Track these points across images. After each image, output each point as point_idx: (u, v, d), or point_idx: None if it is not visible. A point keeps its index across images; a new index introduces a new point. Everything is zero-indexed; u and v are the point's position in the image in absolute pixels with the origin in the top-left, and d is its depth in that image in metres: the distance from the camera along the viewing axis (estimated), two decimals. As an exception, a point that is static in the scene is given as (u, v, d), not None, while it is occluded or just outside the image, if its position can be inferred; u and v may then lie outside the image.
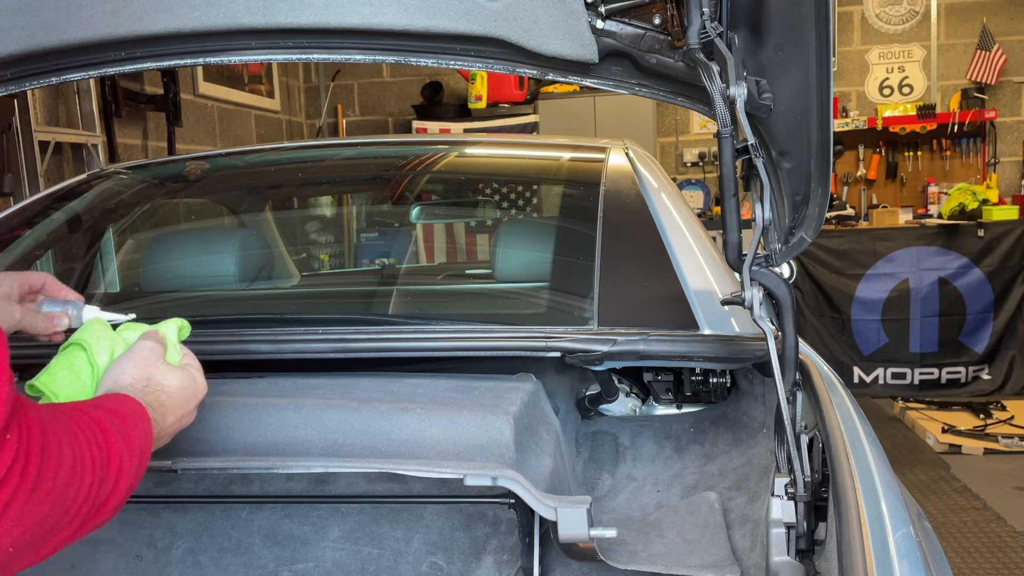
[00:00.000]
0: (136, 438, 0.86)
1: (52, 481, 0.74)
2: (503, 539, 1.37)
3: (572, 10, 1.32)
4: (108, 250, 2.15)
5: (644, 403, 1.69)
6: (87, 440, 0.80)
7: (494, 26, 1.34)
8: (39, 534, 0.75)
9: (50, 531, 0.76)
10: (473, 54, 1.41)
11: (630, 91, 1.43)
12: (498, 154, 2.52)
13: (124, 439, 0.84)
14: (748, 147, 1.15)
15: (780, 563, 1.06)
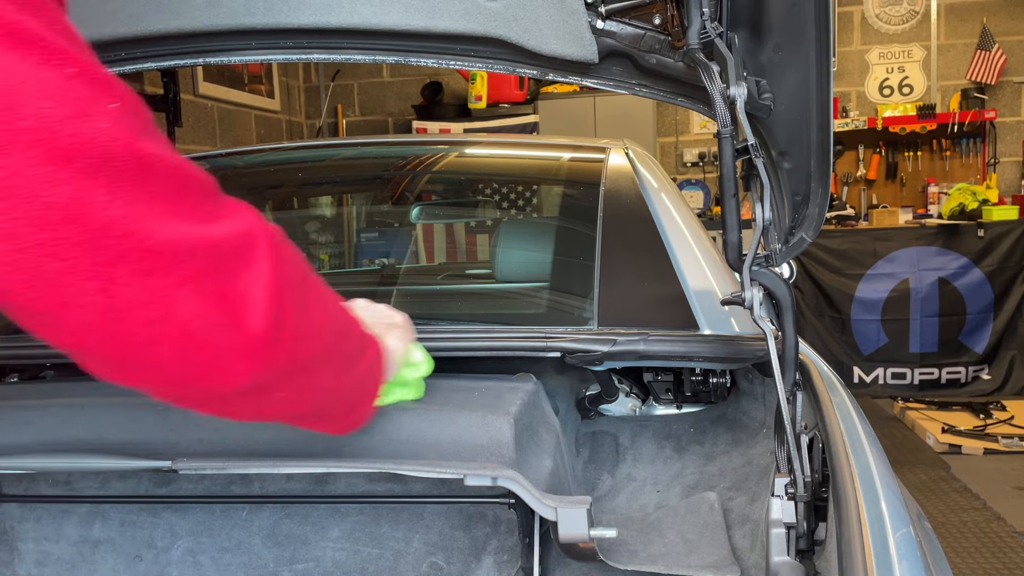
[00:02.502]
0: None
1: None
2: (503, 539, 1.37)
3: (572, 10, 1.32)
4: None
5: (644, 403, 1.69)
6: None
7: (494, 26, 1.34)
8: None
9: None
10: (473, 54, 1.41)
11: (630, 91, 1.43)
12: (498, 154, 2.52)
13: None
14: (748, 147, 1.15)
15: (780, 563, 1.06)
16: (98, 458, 1.18)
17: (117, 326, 0.65)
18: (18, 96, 0.58)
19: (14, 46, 0.58)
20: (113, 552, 1.41)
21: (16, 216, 0.59)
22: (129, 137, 0.63)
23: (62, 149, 0.59)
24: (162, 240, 0.64)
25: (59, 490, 1.41)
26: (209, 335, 0.69)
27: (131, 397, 1.29)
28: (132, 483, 1.41)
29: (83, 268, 0.62)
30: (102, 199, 0.61)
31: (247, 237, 0.72)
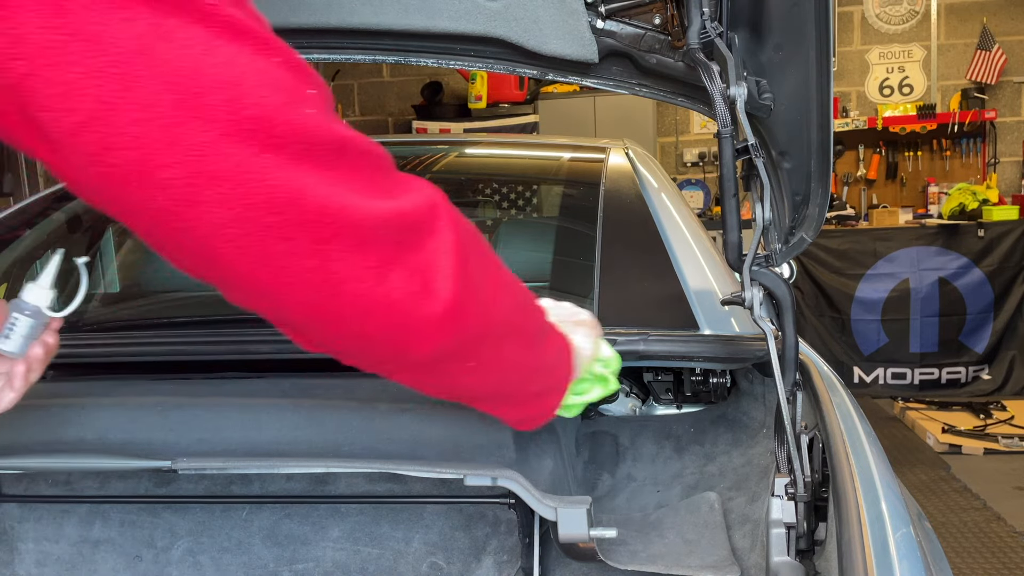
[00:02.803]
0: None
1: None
2: (503, 539, 1.37)
3: (572, 10, 1.32)
4: (108, 250, 2.15)
5: (644, 403, 1.69)
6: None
7: (494, 26, 1.34)
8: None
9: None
10: (473, 54, 1.42)
11: (630, 91, 1.43)
12: (498, 154, 2.52)
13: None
14: (748, 147, 1.15)
15: (780, 563, 1.06)
16: (98, 458, 1.18)
17: (332, 301, 0.69)
18: (241, 87, 0.61)
19: (233, 37, 0.61)
20: (113, 552, 1.41)
21: (248, 202, 0.62)
22: (328, 121, 0.66)
23: (279, 136, 0.62)
24: (365, 216, 0.67)
25: (59, 490, 1.41)
26: (405, 304, 0.72)
27: (131, 397, 1.30)
28: (132, 483, 1.41)
29: (304, 247, 0.65)
30: (314, 180, 0.64)
31: (431, 207, 0.74)
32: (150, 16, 0.57)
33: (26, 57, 0.56)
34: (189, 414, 1.23)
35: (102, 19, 0.56)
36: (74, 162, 0.60)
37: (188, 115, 0.59)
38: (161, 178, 0.60)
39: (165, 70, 0.58)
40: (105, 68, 0.56)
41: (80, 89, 0.56)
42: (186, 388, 1.37)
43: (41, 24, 0.55)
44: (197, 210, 0.61)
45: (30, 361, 0.82)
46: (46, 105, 0.57)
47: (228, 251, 0.64)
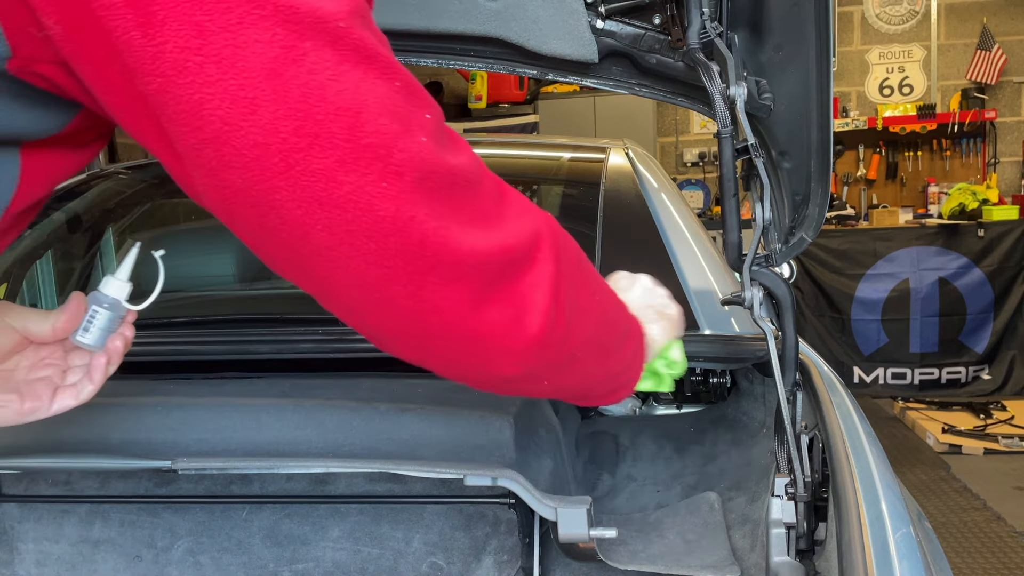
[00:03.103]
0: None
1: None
2: (503, 539, 1.37)
3: (572, 10, 1.32)
4: (108, 250, 2.15)
5: (644, 403, 1.69)
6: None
7: (494, 26, 1.34)
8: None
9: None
10: (473, 54, 1.42)
11: (630, 91, 1.43)
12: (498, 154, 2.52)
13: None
14: (748, 147, 1.15)
15: (780, 563, 1.06)
16: (98, 458, 1.18)
17: (420, 326, 0.70)
18: (362, 114, 0.60)
19: (360, 61, 0.61)
20: (113, 552, 1.41)
21: (353, 229, 0.62)
22: (441, 150, 0.66)
23: (396, 165, 0.62)
24: (467, 250, 0.67)
25: (59, 490, 1.41)
26: (493, 335, 0.72)
27: (131, 397, 1.30)
28: (132, 483, 1.41)
29: (401, 276, 0.65)
30: (423, 212, 0.64)
31: (534, 238, 0.74)
32: (284, 38, 0.57)
33: (162, 74, 0.56)
34: (189, 414, 1.23)
35: (238, 42, 0.56)
36: (194, 174, 0.61)
37: (308, 141, 0.59)
38: (274, 199, 0.60)
39: (291, 95, 0.58)
40: (235, 91, 0.57)
41: (208, 109, 0.57)
42: (186, 388, 1.37)
43: (180, 44, 0.55)
44: (303, 231, 0.62)
45: (110, 354, 0.81)
46: (174, 119, 0.58)
47: (326, 270, 0.65)
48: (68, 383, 0.81)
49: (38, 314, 0.78)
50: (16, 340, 0.77)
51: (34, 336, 0.78)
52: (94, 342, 0.80)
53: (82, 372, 0.81)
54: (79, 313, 0.79)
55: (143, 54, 0.56)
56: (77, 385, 0.81)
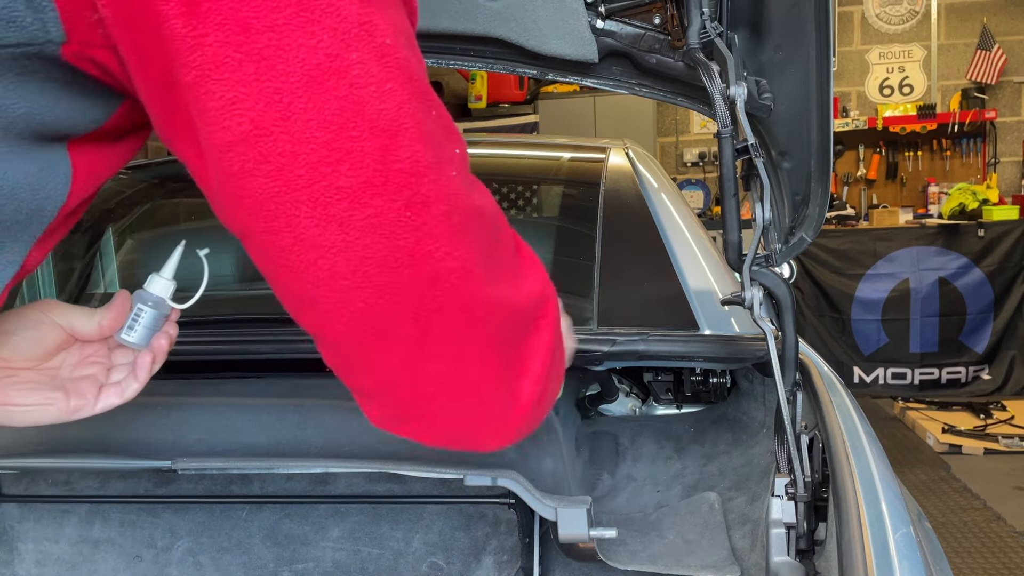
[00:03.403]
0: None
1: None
2: (503, 539, 1.37)
3: (572, 10, 1.32)
4: (108, 250, 2.15)
5: (644, 403, 1.69)
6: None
7: (494, 26, 1.34)
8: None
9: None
10: (473, 54, 1.42)
11: (630, 91, 1.43)
12: (498, 154, 2.52)
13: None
14: (748, 147, 1.15)
15: (780, 563, 1.06)
16: (98, 458, 1.18)
17: (412, 375, 0.66)
18: (400, 137, 0.58)
19: (405, 83, 0.58)
20: (113, 552, 1.41)
21: (369, 255, 0.59)
22: (468, 186, 0.64)
23: (424, 195, 0.59)
24: (479, 297, 0.65)
25: (59, 490, 1.41)
26: (487, 401, 0.69)
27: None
28: (132, 483, 1.41)
29: (407, 313, 0.62)
30: (441, 249, 0.61)
31: (542, 299, 0.72)
32: (330, 46, 0.55)
33: (198, 67, 0.54)
34: (189, 414, 1.23)
35: (282, 43, 0.54)
36: (213, 176, 0.59)
37: (338, 156, 0.56)
38: (292, 214, 0.57)
39: (328, 107, 0.56)
40: (270, 93, 0.54)
41: (239, 109, 0.55)
42: (186, 388, 1.37)
43: (221, 38, 0.53)
44: (316, 252, 0.59)
45: (155, 352, 0.81)
46: (203, 115, 0.56)
47: (331, 302, 0.61)
48: (112, 381, 0.80)
49: (84, 312, 0.77)
50: (62, 337, 0.76)
51: (80, 334, 0.77)
52: (139, 340, 0.80)
53: (126, 370, 0.81)
54: (124, 311, 0.79)
55: (182, 44, 0.54)
56: (122, 383, 0.81)
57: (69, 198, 0.63)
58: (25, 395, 0.75)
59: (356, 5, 0.56)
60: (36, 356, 0.75)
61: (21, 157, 0.58)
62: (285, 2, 0.54)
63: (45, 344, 0.75)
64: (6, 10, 0.53)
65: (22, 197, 0.59)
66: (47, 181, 0.60)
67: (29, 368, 0.75)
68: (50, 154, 0.60)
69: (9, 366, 0.74)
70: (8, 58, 0.55)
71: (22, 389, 0.74)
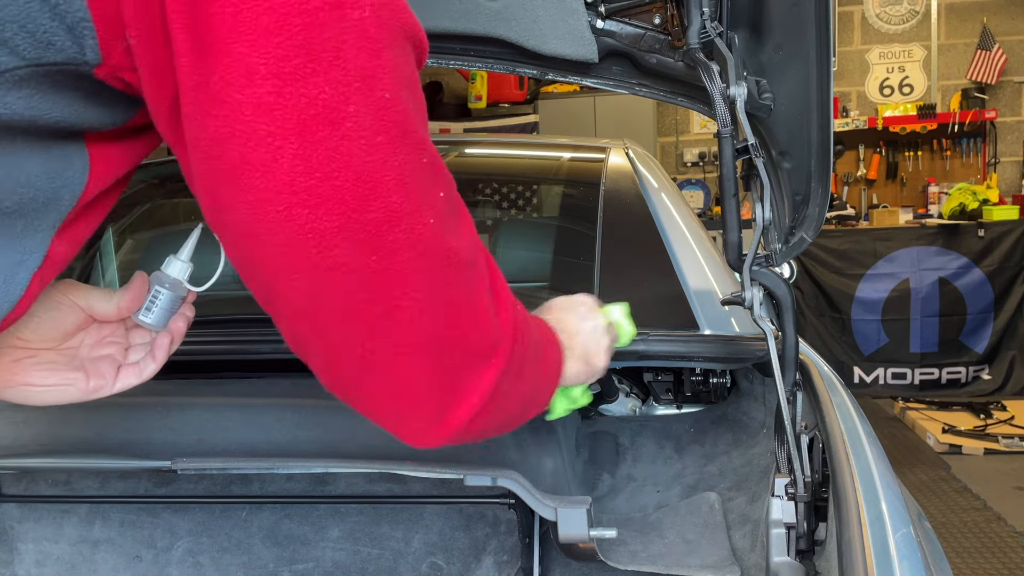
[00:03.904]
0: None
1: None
2: (503, 539, 1.37)
3: (572, 10, 1.32)
4: (108, 250, 2.15)
5: (644, 403, 1.69)
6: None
7: (494, 26, 1.34)
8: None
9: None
10: (473, 54, 1.42)
11: (630, 91, 1.43)
12: (498, 154, 2.52)
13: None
14: (748, 147, 1.15)
15: (780, 563, 1.06)
16: (98, 458, 1.18)
17: (354, 379, 0.70)
18: (380, 188, 0.60)
19: (395, 137, 0.61)
20: (113, 552, 1.41)
21: (330, 288, 0.62)
22: (444, 233, 0.66)
23: (391, 243, 0.62)
24: (429, 334, 0.68)
25: (59, 490, 1.41)
26: (418, 413, 0.73)
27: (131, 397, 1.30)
28: (132, 483, 1.41)
29: (357, 336, 0.66)
30: (399, 289, 0.64)
31: (497, 342, 0.74)
32: (330, 98, 0.57)
33: (197, 103, 0.57)
34: (189, 414, 1.23)
35: (284, 91, 0.56)
36: (199, 193, 0.62)
37: (317, 201, 0.58)
38: (264, 241, 0.60)
39: (317, 155, 0.58)
40: (263, 136, 0.57)
41: (231, 145, 0.57)
42: (186, 388, 1.37)
43: (226, 78, 0.56)
44: (281, 284, 0.63)
45: (173, 333, 0.83)
46: (195, 143, 0.58)
47: (289, 314, 0.66)
48: (130, 361, 0.82)
49: (102, 293, 0.79)
50: (81, 318, 0.78)
51: (98, 314, 0.79)
52: (156, 322, 0.81)
53: (144, 351, 0.83)
54: (142, 293, 0.80)
55: (187, 80, 0.56)
56: (140, 364, 0.82)
57: (87, 188, 0.65)
58: (45, 375, 0.76)
59: (364, 57, 0.58)
60: (56, 336, 0.76)
61: (40, 151, 0.60)
62: (294, 52, 0.56)
63: (65, 325, 0.77)
64: (47, 34, 0.56)
65: (39, 185, 0.61)
66: (64, 171, 0.62)
67: (49, 348, 0.76)
68: (68, 148, 0.63)
69: (29, 347, 0.75)
70: (44, 75, 0.57)
71: (42, 369, 0.76)
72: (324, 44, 0.56)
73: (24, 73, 0.56)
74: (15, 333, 0.74)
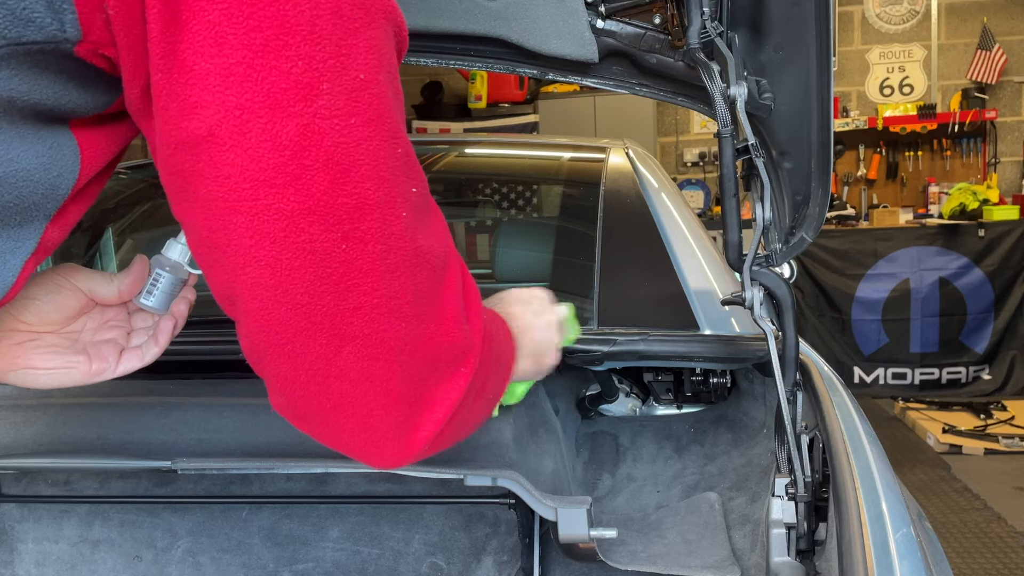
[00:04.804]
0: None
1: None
2: (503, 539, 1.37)
3: (572, 10, 1.32)
4: (108, 250, 2.15)
5: (644, 403, 1.69)
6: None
7: (494, 26, 1.34)
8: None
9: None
10: (473, 54, 1.42)
11: (630, 91, 1.43)
12: (498, 154, 2.52)
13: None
14: (748, 147, 1.15)
15: (780, 563, 1.06)
16: (98, 458, 1.18)
17: (314, 386, 0.67)
18: (351, 172, 0.59)
19: (370, 120, 0.59)
20: (113, 552, 1.41)
21: (295, 275, 0.60)
22: (416, 230, 0.64)
23: (362, 232, 0.60)
24: (397, 334, 0.65)
25: (59, 490, 1.41)
26: (381, 427, 0.70)
27: (131, 397, 1.30)
28: (132, 483, 1.41)
29: (320, 334, 0.63)
30: (368, 284, 0.62)
31: (466, 349, 0.72)
32: (303, 73, 0.56)
33: (165, 70, 0.56)
34: (189, 414, 1.23)
35: (255, 63, 0.55)
36: (162, 166, 0.60)
37: (285, 181, 0.57)
38: (227, 219, 0.59)
39: (287, 132, 0.56)
40: (231, 108, 0.55)
41: (198, 115, 0.56)
42: (186, 388, 1.37)
43: (195, 47, 0.54)
44: (244, 260, 0.60)
45: (176, 317, 0.82)
46: (163, 112, 0.57)
47: (250, 307, 0.63)
48: (133, 345, 0.82)
49: (103, 276, 0.79)
50: (83, 302, 0.78)
51: (99, 298, 0.79)
52: (157, 305, 0.81)
53: (146, 335, 0.83)
54: (143, 276, 0.80)
55: (156, 47, 0.55)
56: (142, 348, 0.82)
57: (80, 175, 0.64)
58: (48, 359, 0.76)
59: (339, 35, 0.56)
60: (58, 320, 0.76)
61: (28, 139, 0.60)
62: (267, 23, 0.54)
63: (66, 308, 0.77)
64: (26, 11, 0.54)
65: (37, 178, 0.60)
66: (57, 160, 0.62)
67: (51, 332, 0.76)
68: (55, 135, 0.62)
69: (32, 330, 0.75)
70: (24, 53, 0.56)
71: (45, 353, 0.76)
72: (299, 17, 0.55)
73: (3, 52, 0.55)
74: (17, 316, 0.74)
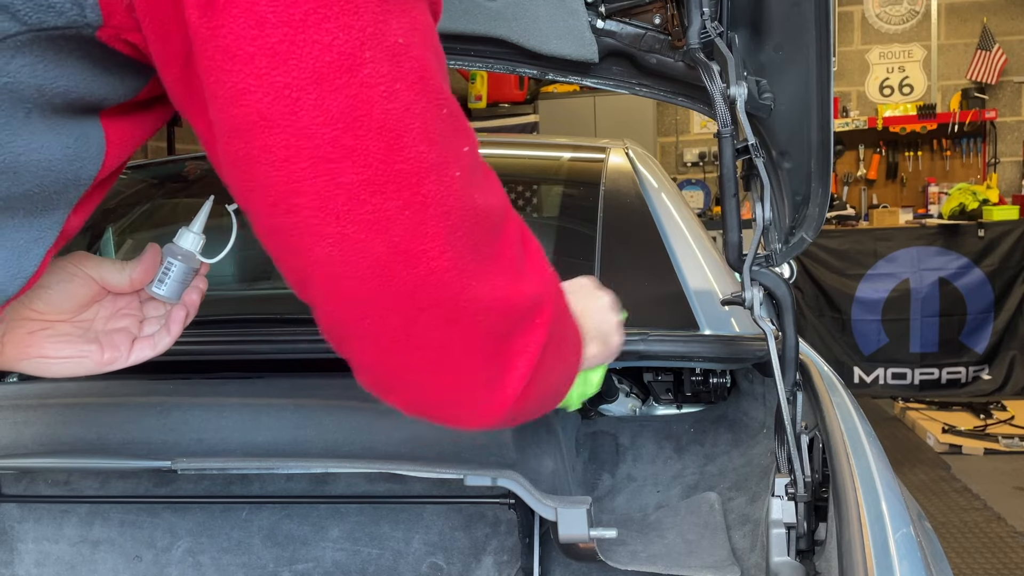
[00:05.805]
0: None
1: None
2: (503, 539, 1.37)
3: (572, 10, 1.32)
4: (108, 250, 2.15)
5: (644, 403, 1.69)
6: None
7: (494, 26, 1.34)
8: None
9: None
10: (473, 54, 1.42)
11: (630, 91, 1.43)
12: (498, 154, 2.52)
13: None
14: (748, 147, 1.15)
15: (780, 563, 1.06)
16: (98, 458, 1.18)
17: (396, 357, 0.68)
18: (405, 138, 0.59)
19: (415, 82, 0.59)
20: (113, 552, 1.41)
21: (362, 248, 0.60)
22: (471, 188, 0.64)
23: (422, 196, 0.60)
24: (472, 296, 0.66)
25: (59, 490, 1.41)
26: (469, 386, 0.71)
27: (131, 397, 1.30)
28: (132, 483, 1.41)
29: (396, 305, 0.63)
30: (436, 248, 0.62)
31: (539, 300, 0.73)
32: (344, 44, 0.56)
33: (210, 57, 0.55)
34: (189, 414, 1.23)
35: (296, 39, 0.55)
36: (221, 156, 0.60)
37: (342, 153, 0.57)
38: (291, 201, 0.59)
39: (336, 105, 0.56)
40: (280, 88, 0.55)
41: (249, 100, 0.56)
42: (186, 388, 1.37)
43: (235, 31, 0.54)
44: (312, 240, 0.60)
45: (188, 306, 0.82)
46: (213, 100, 0.57)
47: (324, 287, 0.63)
48: (145, 334, 0.82)
49: (115, 264, 0.79)
50: (95, 290, 0.78)
51: (111, 286, 0.79)
52: (169, 294, 0.81)
53: (158, 324, 0.82)
54: (154, 265, 0.80)
55: (197, 33, 0.55)
56: (154, 337, 0.82)
57: (104, 166, 0.64)
58: (60, 347, 0.76)
59: (374, 2, 0.57)
60: (70, 308, 0.76)
61: (56, 130, 0.60)
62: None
63: (78, 296, 0.77)
64: None
65: (59, 168, 0.60)
66: (82, 151, 0.62)
67: (63, 320, 0.76)
68: (84, 126, 0.62)
69: (44, 319, 0.75)
70: (47, 39, 0.56)
71: (57, 342, 0.76)
72: None
73: (25, 39, 0.55)
74: (29, 305, 0.74)
